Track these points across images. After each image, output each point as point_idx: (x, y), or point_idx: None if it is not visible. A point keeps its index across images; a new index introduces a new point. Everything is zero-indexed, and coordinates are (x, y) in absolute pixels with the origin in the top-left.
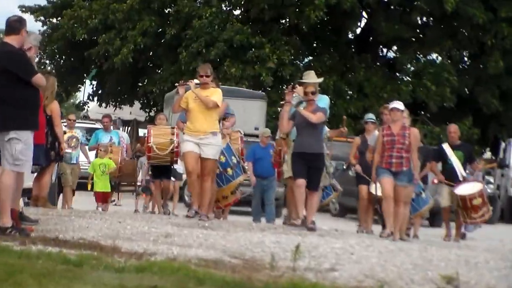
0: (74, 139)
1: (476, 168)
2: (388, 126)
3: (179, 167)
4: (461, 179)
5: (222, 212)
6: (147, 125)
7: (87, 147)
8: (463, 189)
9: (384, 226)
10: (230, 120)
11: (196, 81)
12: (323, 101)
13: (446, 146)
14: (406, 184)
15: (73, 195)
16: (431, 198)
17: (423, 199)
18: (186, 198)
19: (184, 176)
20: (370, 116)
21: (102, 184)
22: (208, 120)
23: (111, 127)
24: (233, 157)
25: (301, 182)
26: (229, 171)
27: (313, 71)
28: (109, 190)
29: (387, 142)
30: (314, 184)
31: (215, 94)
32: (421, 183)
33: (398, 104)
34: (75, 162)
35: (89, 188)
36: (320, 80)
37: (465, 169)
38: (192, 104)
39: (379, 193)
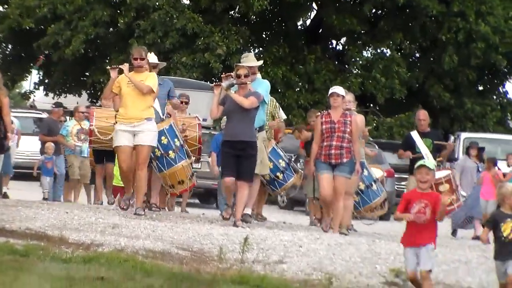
0: (84, 132)
1: (448, 147)
2: (328, 113)
3: None
4: None
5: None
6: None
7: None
8: None
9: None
10: (172, 102)
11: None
12: (263, 86)
13: (414, 134)
14: (347, 175)
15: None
16: (384, 190)
17: (374, 191)
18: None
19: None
20: None
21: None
22: (142, 106)
23: None
24: (176, 140)
25: (229, 181)
26: (171, 154)
27: (252, 54)
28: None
29: (326, 130)
30: (245, 174)
31: (150, 78)
32: (373, 174)
33: (338, 89)
34: (85, 155)
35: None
36: (259, 63)
37: (434, 158)
38: (125, 89)
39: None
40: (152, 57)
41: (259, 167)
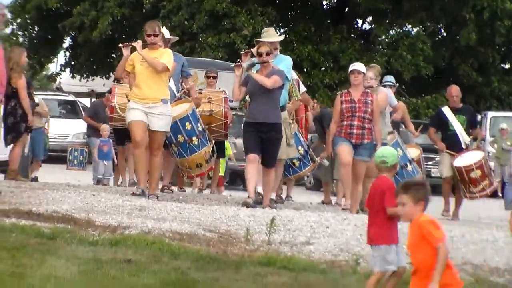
0: None
1: (479, 135)
2: (348, 91)
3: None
4: (464, 147)
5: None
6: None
7: None
8: (461, 160)
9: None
10: (189, 81)
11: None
12: (285, 62)
13: (446, 110)
14: (367, 159)
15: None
16: (419, 171)
17: (409, 172)
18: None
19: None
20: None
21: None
22: (157, 85)
23: None
24: (199, 124)
25: (253, 157)
26: (195, 140)
27: (272, 28)
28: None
29: (346, 110)
30: (270, 159)
31: (164, 55)
32: (408, 154)
33: (359, 66)
34: None
35: None
36: (280, 38)
37: (468, 135)
38: (139, 67)
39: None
40: (164, 32)
41: (282, 152)
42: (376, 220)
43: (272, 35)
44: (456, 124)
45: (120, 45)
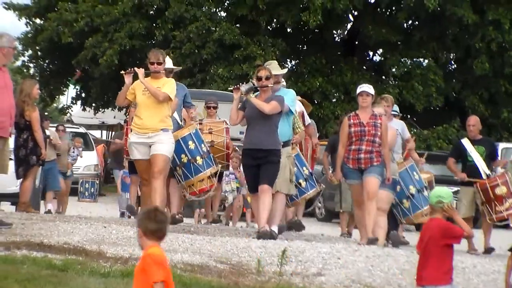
0: None
1: (501, 163)
2: (356, 114)
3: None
4: (484, 177)
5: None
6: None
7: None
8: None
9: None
10: (191, 111)
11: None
12: (288, 96)
13: (465, 141)
14: (377, 176)
15: None
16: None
17: (426, 197)
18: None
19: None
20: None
21: None
22: (158, 115)
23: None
24: (203, 145)
25: (256, 195)
26: (199, 160)
27: (275, 61)
28: None
29: (355, 134)
30: (267, 178)
31: (167, 85)
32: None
33: (368, 88)
34: None
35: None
36: (283, 71)
37: (488, 167)
38: (140, 96)
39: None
40: (168, 62)
41: (283, 185)
42: (429, 262)
43: (275, 68)
44: (475, 155)
45: (122, 72)
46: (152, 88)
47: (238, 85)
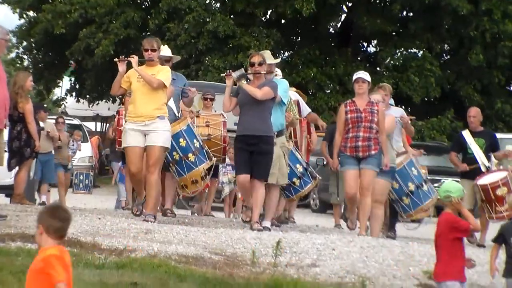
0: None
1: (508, 155)
2: (352, 101)
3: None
4: (483, 170)
5: (201, 208)
6: None
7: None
8: (486, 178)
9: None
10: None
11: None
12: (281, 86)
13: (466, 133)
14: (374, 168)
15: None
16: (435, 191)
17: (425, 192)
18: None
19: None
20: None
21: None
22: (153, 103)
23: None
24: (195, 141)
25: (243, 178)
26: (191, 157)
27: (268, 51)
28: None
29: (351, 120)
30: (259, 172)
31: (162, 72)
32: (422, 173)
33: (364, 74)
34: None
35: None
36: (276, 60)
37: (488, 159)
38: (135, 84)
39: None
40: (165, 50)
41: (277, 176)
42: (441, 257)
43: (267, 57)
44: (475, 147)
45: (116, 59)
46: (146, 75)
47: (229, 72)
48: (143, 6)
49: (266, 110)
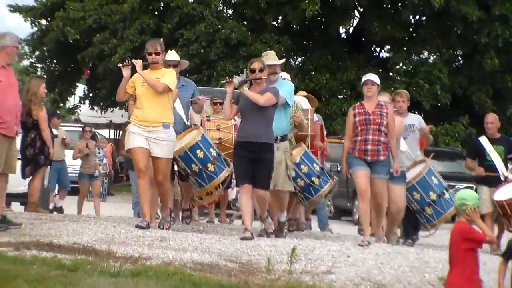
0: None
1: None
2: (361, 104)
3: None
4: (502, 178)
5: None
6: None
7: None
8: (502, 193)
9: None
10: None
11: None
12: (285, 88)
13: (483, 140)
14: (384, 176)
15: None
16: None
17: (447, 200)
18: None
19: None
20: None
21: None
22: (159, 108)
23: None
24: (211, 150)
25: (246, 188)
26: (210, 167)
27: (273, 52)
28: None
29: (360, 123)
30: (261, 181)
31: (166, 75)
32: (443, 181)
33: (373, 77)
34: None
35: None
36: (280, 62)
37: (506, 167)
38: (140, 88)
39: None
40: (173, 55)
41: (281, 180)
42: (454, 267)
43: (271, 58)
44: (494, 155)
45: (119, 65)
46: (150, 79)
47: (230, 78)
48: (156, 13)
49: (268, 117)
